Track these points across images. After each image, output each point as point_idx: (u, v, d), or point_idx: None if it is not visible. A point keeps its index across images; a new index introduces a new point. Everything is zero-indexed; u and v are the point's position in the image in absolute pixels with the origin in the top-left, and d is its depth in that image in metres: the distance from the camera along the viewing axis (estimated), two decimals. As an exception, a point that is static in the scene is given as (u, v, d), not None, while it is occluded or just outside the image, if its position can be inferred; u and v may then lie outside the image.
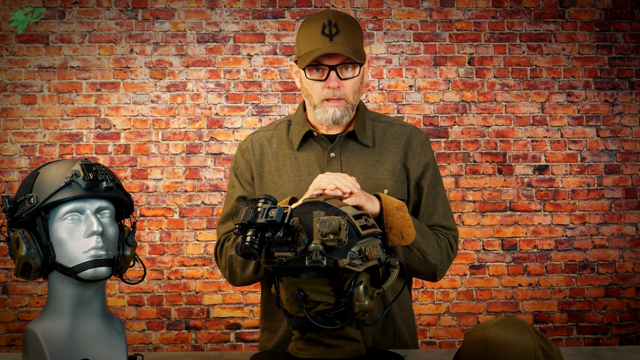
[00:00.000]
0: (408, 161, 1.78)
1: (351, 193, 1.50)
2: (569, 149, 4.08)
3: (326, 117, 1.70)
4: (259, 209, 1.37)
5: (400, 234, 1.56)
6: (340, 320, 1.38)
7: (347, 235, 1.32)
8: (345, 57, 1.65)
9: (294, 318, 1.42)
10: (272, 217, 1.33)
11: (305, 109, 1.82)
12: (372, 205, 1.54)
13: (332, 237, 1.30)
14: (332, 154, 1.74)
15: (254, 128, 3.98)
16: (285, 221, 1.33)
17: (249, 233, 1.35)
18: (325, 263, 1.32)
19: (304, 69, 1.68)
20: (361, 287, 1.36)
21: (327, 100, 1.68)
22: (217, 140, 4.00)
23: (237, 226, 1.37)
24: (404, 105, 4.06)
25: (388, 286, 1.41)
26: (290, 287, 1.39)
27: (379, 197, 1.59)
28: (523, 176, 4.05)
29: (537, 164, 4.06)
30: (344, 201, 1.47)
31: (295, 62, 1.74)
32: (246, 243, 1.34)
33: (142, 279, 1.54)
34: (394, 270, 1.42)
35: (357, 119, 1.78)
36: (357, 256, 1.35)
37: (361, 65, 1.69)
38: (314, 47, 1.64)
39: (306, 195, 1.54)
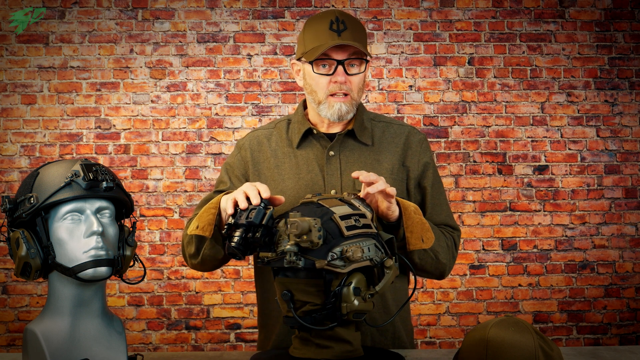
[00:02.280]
0: (407, 160, 1.78)
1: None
2: (569, 149, 4.08)
3: (331, 112, 1.70)
4: (245, 210, 1.42)
5: (421, 237, 1.56)
6: (330, 320, 1.38)
7: (320, 236, 1.32)
8: (353, 52, 1.67)
9: (286, 317, 1.43)
10: (250, 219, 1.37)
11: (305, 108, 1.83)
12: (394, 206, 1.54)
13: (305, 238, 1.31)
14: (331, 152, 1.75)
15: (253, 128, 3.98)
16: (264, 222, 1.37)
17: (236, 233, 1.39)
18: (301, 264, 1.33)
19: (311, 63, 1.69)
20: (350, 287, 1.36)
21: (333, 95, 1.69)
22: (217, 140, 4.01)
23: (225, 226, 1.42)
24: (404, 105, 4.06)
25: (381, 287, 1.38)
26: (280, 287, 1.41)
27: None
28: (523, 176, 4.05)
29: (537, 164, 4.06)
30: (370, 188, 1.46)
31: (299, 59, 1.74)
32: (232, 243, 1.38)
33: (142, 279, 1.54)
34: (388, 272, 1.39)
35: (356, 118, 1.78)
36: (338, 257, 1.34)
37: (367, 62, 1.71)
38: (323, 42, 1.66)
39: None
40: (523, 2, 4.11)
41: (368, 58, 1.71)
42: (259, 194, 1.44)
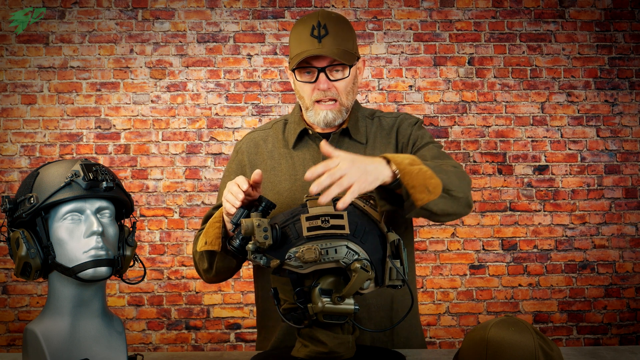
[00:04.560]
0: (400, 143, 1.76)
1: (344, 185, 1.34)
2: (569, 149, 4.08)
3: (318, 120, 1.70)
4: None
5: (426, 188, 1.42)
6: (307, 320, 1.39)
7: (266, 236, 1.32)
8: (333, 59, 1.65)
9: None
10: (233, 219, 1.45)
11: (301, 109, 1.83)
12: (378, 175, 1.38)
13: (254, 238, 1.35)
14: None
15: (253, 128, 3.98)
16: (236, 222, 1.44)
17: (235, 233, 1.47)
18: (262, 263, 1.35)
19: (294, 71, 1.69)
20: (316, 289, 1.36)
21: (318, 102, 1.68)
22: (217, 140, 4.00)
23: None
24: (404, 105, 4.06)
25: (347, 291, 1.34)
26: (273, 284, 1.45)
27: (388, 160, 1.43)
28: (523, 176, 4.05)
29: (537, 164, 4.06)
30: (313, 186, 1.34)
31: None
32: (230, 245, 1.46)
33: (142, 279, 1.54)
34: (353, 275, 1.33)
35: (350, 117, 1.78)
36: (293, 257, 1.34)
37: (351, 66, 1.68)
38: (303, 49, 1.64)
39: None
40: (523, 2, 4.11)
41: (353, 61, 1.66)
42: (242, 195, 1.47)
